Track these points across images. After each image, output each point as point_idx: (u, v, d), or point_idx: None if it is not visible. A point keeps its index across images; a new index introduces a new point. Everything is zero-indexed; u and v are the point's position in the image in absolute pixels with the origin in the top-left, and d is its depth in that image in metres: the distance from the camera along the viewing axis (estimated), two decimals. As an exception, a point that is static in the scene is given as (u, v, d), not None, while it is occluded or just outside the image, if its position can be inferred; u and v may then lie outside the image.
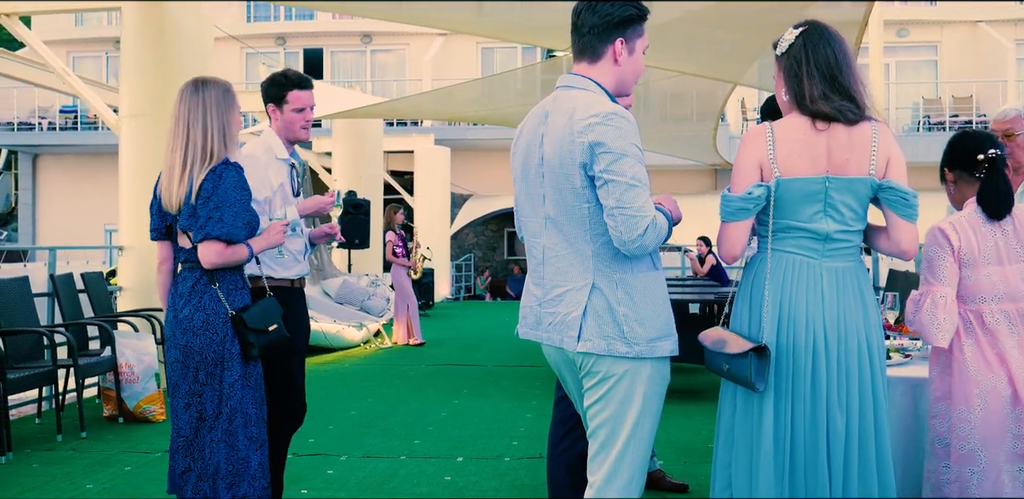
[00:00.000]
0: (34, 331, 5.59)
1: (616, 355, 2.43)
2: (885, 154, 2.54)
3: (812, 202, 2.52)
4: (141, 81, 7.04)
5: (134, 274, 7.06)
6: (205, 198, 3.01)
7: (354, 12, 13.22)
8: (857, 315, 2.53)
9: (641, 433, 2.48)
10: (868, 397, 2.54)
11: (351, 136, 15.00)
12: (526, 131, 2.62)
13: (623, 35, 2.51)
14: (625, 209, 2.35)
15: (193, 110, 3.09)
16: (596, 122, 2.39)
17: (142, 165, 7.01)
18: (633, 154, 2.39)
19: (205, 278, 3.10)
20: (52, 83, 10.23)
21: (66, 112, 21.95)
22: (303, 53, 23.15)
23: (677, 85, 10.44)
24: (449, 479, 4.51)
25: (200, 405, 3.10)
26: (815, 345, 2.51)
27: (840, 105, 2.51)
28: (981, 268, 2.79)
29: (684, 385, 6.86)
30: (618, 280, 2.45)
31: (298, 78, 3.62)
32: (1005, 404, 2.72)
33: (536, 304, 2.60)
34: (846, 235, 2.55)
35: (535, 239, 2.60)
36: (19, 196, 22.95)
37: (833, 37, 2.60)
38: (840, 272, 2.54)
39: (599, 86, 2.52)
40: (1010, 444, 2.71)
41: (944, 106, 20.50)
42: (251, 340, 3.10)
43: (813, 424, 2.51)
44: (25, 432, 5.58)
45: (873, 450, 2.54)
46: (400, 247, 10.51)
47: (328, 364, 8.94)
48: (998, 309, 2.78)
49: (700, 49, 7.45)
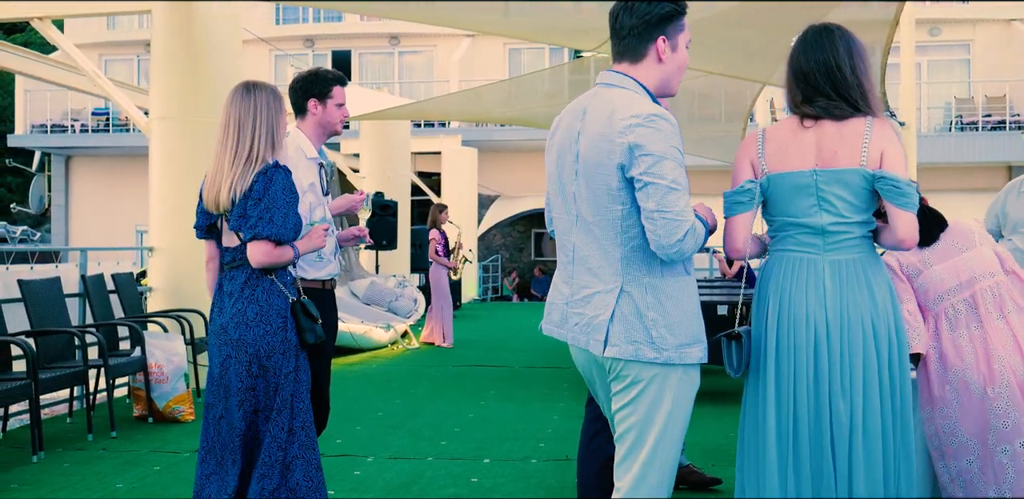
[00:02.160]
0: (65, 331, 5.65)
1: (644, 360, 2.39)
2: (879, 146, 2.54)
3: (805, 196, 2.58)
4: (171, 83, 7.10)
5: (164, 275, 7.12)
6: (256, 200, 3.05)
7: (381, 13, 13.26)
8: (862, 306, 2.53)
9: (670, 438, 2.45)
10: (875, 390, 2.53)
11: (379, 137, 15.05)
12: (562, 127, 2.58)
13: (664, 33, 2.48)
14: (665, 213, 2.32)
15: (243, 113, 3.12)
16: (636, 123, 2.35)
17: (172, 167, 7.07)
18: (673, 157, 2.36)
19: (258, 273, 3.14)
20: (84, 86, 10.34)
21: (98, 114, 22.19)
22: (331, 55, 23.26)
23: (705, 85, 10.37)
24: (476, 481, 4.50)
25: (254, 399, 3.12)
26: (816, 342, 2.54)
27: (826, 104, 2.57)
28: (927, 271, 3.09)
29: (712, 387, 6.80)
30: (648, 284, 2.42)
31: (338, 74, 3.72)
32: (977, 389, 2.92)
33: (563, 302, 2.57)
34: (844, 227, 2.57)
35: (565, 236, 2.57)
36: (52, 197, 23.23)
37: (834, 38, 2.63)
38: (843, 264, 2.57)
39: (641, 86, 2.49)
40: (994, 424, 2.88)
41: (977, 105, 20.23)
42: (307, 326, 3.15)
43: (817, 420, 2.54)
44: (57, 431, 5.64)
45: (880, 445, 2.52)
46: (442, 247, 10.42)
47: (355, 365, 8.97)
48: (959, 300, 3.04)
49: (728, 49, 7.41)
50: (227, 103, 3.15)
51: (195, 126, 7.02)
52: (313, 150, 3.64)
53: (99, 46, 22.78)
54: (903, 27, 8.05)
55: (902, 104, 10.54)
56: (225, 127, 3.13)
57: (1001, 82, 20.21)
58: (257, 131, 3.10)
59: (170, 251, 7.06)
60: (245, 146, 3.09)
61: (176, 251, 7.03)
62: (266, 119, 3.12)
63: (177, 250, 7.02)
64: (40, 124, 22.42)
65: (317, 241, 3.31)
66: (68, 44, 7.86)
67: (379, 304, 11.44)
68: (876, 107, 2.59)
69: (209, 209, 3.18)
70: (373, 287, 11.58)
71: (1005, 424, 2.84)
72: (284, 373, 3.13)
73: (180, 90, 7.06)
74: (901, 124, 10.11)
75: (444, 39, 22.43)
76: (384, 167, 14.97)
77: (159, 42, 7.17)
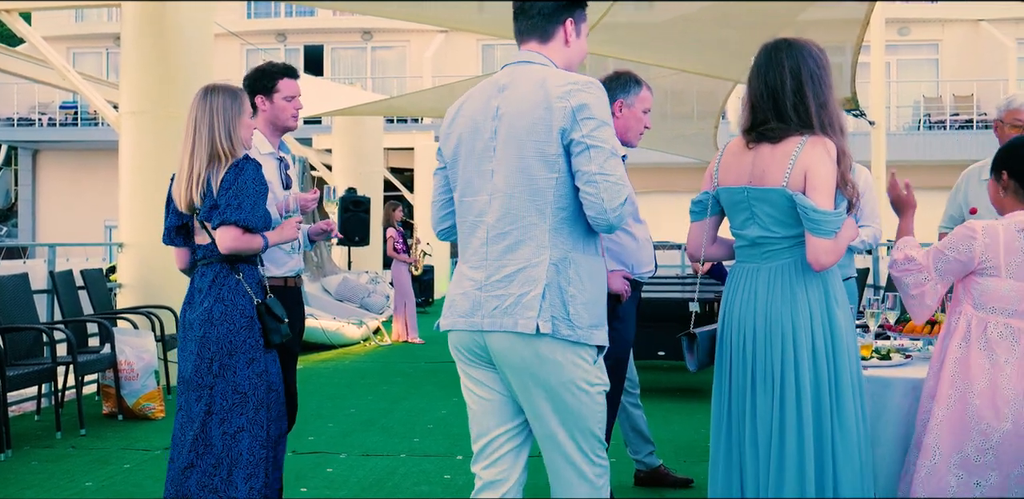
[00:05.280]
0: (33, 328, 5.59)
1: (559, 336, 2.36)
2: (802, 167, 2.59)
3: (741, 210, 2.73)
4: (141, 78, 7.02)
5: (134, 271, 7.05)
6: (225, 189, 3.14)
7: (353, 9, 13.21)
8: (784, 310, 2.64)
9: (589, 423, 2.45)
10: (805, 391, 2.60)
11: (351, 133, 14.98)
12: (468, 109, 2.55)
13: (571, 16, 2.55)
14: (608, 176, 2.34)
15: (201, 115, 3.22)
16: (577, 89, 2.39)
17: (142, 162, 7.00)
18: (611, 124, 2.41)
19: (225, 271, 3.23)
20: (52, 79, 10.21)
21: (66, 108, 21.92)
22: (304, 50, 23.12)
23: (678, 83, 10.41)
24: (449, 478, 4.50)
25: (210, 398, 3.17)
26: (744, 344, 2.70)
27: (763, 130, 2.66)
28: (1003, 281, 2.70)
29: (683, 384, 6.85)
30: (572, 259, 2.41)
31: (285, 67, 3.69)
32: (972, 413, 2.67)
33: (475, 288, 2.45)
34: (772, 240, 2.68)
35: (479, 218, 2.49)
36: (19, 192, 22.94)
37: (782, 58, 2.67)
38: (774, 270, 2.68)
39: (553, 64, 2.52)
40: (969, 453, 2.67)
41: (945, 105, 20.48)
42: (272, 327, 3.23)
43: (752, 420, 2.67)
44: (24, 429, 5.58)
45: (811, 444, 2.58)
46: (400, 243, 10.53)
47: (328, 361, 8.94)
48: (1003, 323, 2.71)
49: (701, 47, 7.43)
50: (190, 107, 3.27)
51: (165, 121, 6.96)
52: (267, 145, 3.63)
53: (67, 39, 22.50)
54: (873, 27, 8.13)
55: (872, 103, 10.66)
56: (187, 130, 3.24)
57: (969, 82, 20.46)
58: (217, 131, 3.19)
59: (140, 247, 7.00)
60: (207, 146, 3.19)
61: (146, 247, 6.96)
62: (224, 120, 3.21)
63: (147, 246, 6.95)
64: (7, 117, 22.10)
65: (289, 232, 3.37)
66: (36, 37, 7.76)
67: (351, 300, 11.40)
68: (821, 124, 2.62)
69: (180, 209, 3.26)
70: (345, 283, 11.54)
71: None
72: (245, 374, 3.19)
73: (150, 85, 6.99)
74: (871, 123, 10.22)
75: (417, 34, 22.36)
76: (356, 163, 14.90)
77: (129, 36, 7.10)
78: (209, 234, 3.23)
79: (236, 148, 3.21)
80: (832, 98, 2.67)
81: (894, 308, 3.41)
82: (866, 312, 3.37)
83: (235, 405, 3.18)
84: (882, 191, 4.93)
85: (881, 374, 3.04)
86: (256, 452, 3.19)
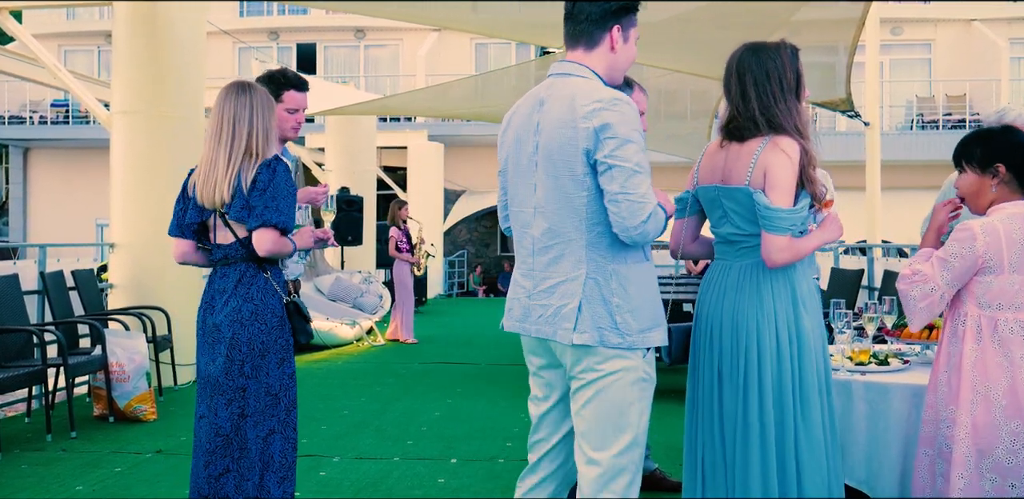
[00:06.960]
0: (23, 329, 5.54)
1: (609, 345, 2.44)
2: (762, 166, 2.64)
3: (715, 208, 2.78)
4: (133, 77, 6.98)
5: (126, 272, 7.01)
6: (260, 190, 3.04)
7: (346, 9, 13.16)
8: (750, 308, 2.67)
9: (636, 431, 2.50)
10: (767, 388, 2.62)
11: (344, 132, 14.93)
12: (516, 120, 2.63)
13: (619, 23, 2.56)
14: (629, 195, 2.38)
15: (240, 110, 3.09)
16: (601, 107, 2.41)
17: (134, 162, 6.96)
18: (636, 140, 2.42)
19: (252, 270, 3.13)
20: (43, 78, 10.15)
21: (57, 106, 21.81)
22: (296, 48, 23.04)
23: (671, 82, 10.40)
24: (443, 481, 4.48)
25: (243, 401, 3.09)
26: (712, 340, 2.73)
27: (734, 127, 2.73)
28: (1006, 276, 2.67)
29: (677, 386, 6.81)
30: (612, 271, 2.47)
31: (296, 79, 3.65)
32: (999, 413, 2.64)
33: (525, 296, 2.59)
34: (743, 237, 2.72)
35: (525, 230, 2.59)
36: (9, 190, 22.83)
37: (756, 60, 2.72)
38: (745, 268, 2.72)
39: (594, 73, 2.55)
40: (999, 456, 2.64)
41: (938, 104, 20.50)
42: (300, 326, 3.20)
43: (721, 418, 2.70)
44: (14, 432, 5.54)
45: (771, 440, 2.60)
46: (404, 243, 10.44)
47: (321, 362, 8.90)
48: (1014, 318, 2.67)
49: (695, 47, 7.42)
50: (220, 101, 3.13)
51: (158, 120, 6.92)
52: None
53: (58, 36, 22.39)
54: (868, 26, 8.11)
55: (867, 103, 10.64)
56: (219, 123, 3.09)
57: (961, 81, 20.49)
58: (254, 127, 3.09)
59: (132, 247, 6.96)
60: (243, 141, 3.07)
61: (138, 247, 6.92)
62: (262, 117, 3.11)
63: (139, 246, 6.92)
64: (-3, 115, 22.01)
65: (307, 240, 3.32)
66: (26, 35, 7.71)
67: (344, 300, 11.36)
68: (784, 124, 2.65)
69: (204, 205, 3.12)
70: (338, 283, 11.51)
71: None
72: (276, 373, 3.13)
73: (142, 84, 6.95)
74: (866, 124, 10.21)
75: (410, 33, 22.30)
76: (349, 162, 14.86)
77: (121, 35, 7.04)
78: (234, 234, 3.12)
79: (270, 147, 3.14)
80: (794, 99, 2.70)
81: (891, 312, 3.40)
82: (864, 316, 3.36)
83: (267, 407, 3.11)
84: None
85: (880, 380, 3.03)
86: (288, 454, 3.16)
